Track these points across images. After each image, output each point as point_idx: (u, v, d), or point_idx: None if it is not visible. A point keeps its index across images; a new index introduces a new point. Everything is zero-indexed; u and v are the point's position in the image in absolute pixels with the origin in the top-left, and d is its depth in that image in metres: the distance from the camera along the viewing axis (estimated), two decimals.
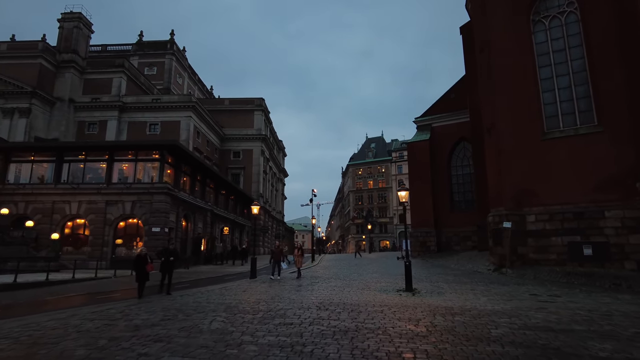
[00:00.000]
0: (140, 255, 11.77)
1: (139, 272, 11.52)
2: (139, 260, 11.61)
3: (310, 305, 9.39)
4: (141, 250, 12.20)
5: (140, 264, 11.50)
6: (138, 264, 11.54)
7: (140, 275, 11.52)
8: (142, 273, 11.49)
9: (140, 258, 11.63)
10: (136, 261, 11.66)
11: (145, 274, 11.55)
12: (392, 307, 9.29)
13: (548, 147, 19.01)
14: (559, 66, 19.73)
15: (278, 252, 18.07)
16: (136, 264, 11.59)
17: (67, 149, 27.94)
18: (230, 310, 8.89)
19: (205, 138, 48.21)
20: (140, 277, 11.51)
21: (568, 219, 17.94)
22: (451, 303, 10.24)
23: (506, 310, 9.21)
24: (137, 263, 11.56)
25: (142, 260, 11.54)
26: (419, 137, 32.74)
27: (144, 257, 11.66)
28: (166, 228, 25.45)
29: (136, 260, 11.67)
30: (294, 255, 19.15)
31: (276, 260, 17.53)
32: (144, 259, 11.59)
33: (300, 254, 18.68)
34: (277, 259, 17.57)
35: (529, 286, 14.51)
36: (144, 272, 11.50)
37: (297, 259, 18.49)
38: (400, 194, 13.24)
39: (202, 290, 13.20)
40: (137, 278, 11.56)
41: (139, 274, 11.52)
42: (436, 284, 14.94)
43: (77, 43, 44.68)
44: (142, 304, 10.05)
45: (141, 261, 11.54)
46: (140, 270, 11.50)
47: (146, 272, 11.54)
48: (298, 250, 18.93)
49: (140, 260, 11.56)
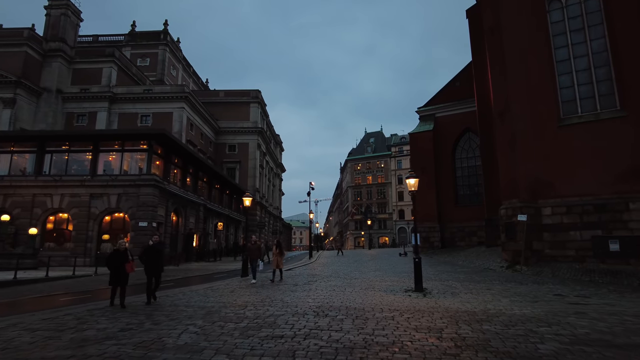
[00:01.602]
0: (118, 251, 9.19)
1: (115, 271, 8.96)
2: (115, 256, 9.07)
3: (306, 311, 7.88)
4: (120, 245, 9.40)
5: (117, 262, 8.95)
6: (114, 261, 8.98)
7: (115, 275, 8.96)
8: (118, 273, 8.94)
9: (119, 254, 9.08)
10: (111, 257, 9.08)
11: (124, 275, 8.98)
12: (404, 312, 7.80)
13: (565, 134, 17.53)
14: (576, 47, 18.21)
15: (255, 248, 14.31)
16: (111, 261, 9.00)
17: (49, 139, 26.25)
18: (210, 316, 7.37)
19: (199, 131, 46.54)
20: (116, 279, 8.95)
21: (588, 212, 16.49)
22: (470, 306, 8.76)
23: (539, 315, 7.73)
24: (113, 260, 8.99)
25: (121, 258, 9.01)
26: (422, 128, 31.21)
27: (123, 254, 9.09)
28: (154, 223, 23.89)
29: (111, 257, 9.10)
30: (272, 253, 15.11)
31: (252, 258, 14.12)
32: (122, 256, 9.04)
33: (278, 252, 14.47)
34: (253, 257, 14.14)
35: (550, 285, 13.10)
36: (122, 272, 8.94)
37: (275, 259, 14.44)
38: (409, 182, 11.74)
39: (185, 291, 11.68)
40: (112, 279, 9.01)
41: (115, 274, 8.97)
42: (447, 282, 13.48)
43: (65, 31, 42.85)
44: (111, 308, 8.51)
45: (119, 258, 8.99)
46: (116, 270, 8.95)
47: (125, 273, 8.96)
48: (276, 248, 14.63)
49: (117, 257, 9.02)
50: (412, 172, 11.91)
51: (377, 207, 77.90)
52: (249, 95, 54.48)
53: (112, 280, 9.02)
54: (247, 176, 51.08)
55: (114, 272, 8.96)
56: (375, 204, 78.35)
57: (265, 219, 55.94)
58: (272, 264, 14.59)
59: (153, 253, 9.41)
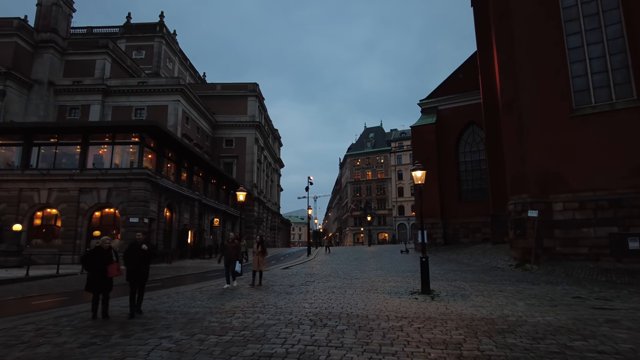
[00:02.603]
0: (101, 249, 7.17)
1: (95, 275, 7.03)
2: (97, 256, 7.09)
3: (302, 319, 6.93)
4: (103, 241, 7.32)
5: (98, 263, 7.04)
6: (94, 261, 7.06)
7: (95, 280, 7.02)
8: (99, 278, 7.01)
9: (101, 253, 7.12)
10: (91, 257, 7.15)
11: (106, 281, 7.13)
12: (413, 321, 6.85)
13: (578, 124, 16.57)
14: (590, 33, 17.21)
15: (233, 248, 12.01)
16: (91, 261, 7.10)
17: (37, 131, 25.20)
18: (191, 326, 6.42)
19: (195, 124, 45.48)
20: (96, 285, 7.03)
21: (602, 207, 15.56)
22: (485, 312, 7.83)
23: (566, 324, 6.80)
24: (94, 260, 7.07)
25: (104, 258, 7.11)
26: (425, 121, 30.20)
27: (107, 253, 7.19)
28: (145, 219, 22.93)
29: (92, 256, 7.15)
30: (253, 252, 12.72)
31: (230, 259, 11.88)
32: (105, 256, 7.14)
33: (260, 250, 12.26)
34: (231, 258, 11.87)
35: (564, 285, 12.18)
36: (104, 276, 7.06)
37: (256, 258, 12.20)
38: (416, 175, 10.78)
39: (170, 293, 10.73)
40: (90, 285, 7.07)
41: (95, 278, 7.03)
42: (454, 283, 12.55)
43: (57, 22, 41.65)
44: (92, 321, 7.53)
45: (101, 258, 7.09)
46: (97, 273, 7.02)
47: (107, 277, 7.13)
48: (257, 246, 12.41)
49: (99, 257, 7.08)
50: (419, 164, 10.95)
51: (376, 203, 76.95)
52: (247, 89, 53.37)
53: (91, 285, 7.09)
54: (245, 171, 50.11)
55: (95, 276, 7.05)
56: (374, 199, 77.40)
57: (263, 215, 55.00)
58: (253, 265, 12.35)
59: (136, 253, 7.48)
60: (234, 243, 12.15)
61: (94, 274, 7.10)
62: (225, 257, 12.00)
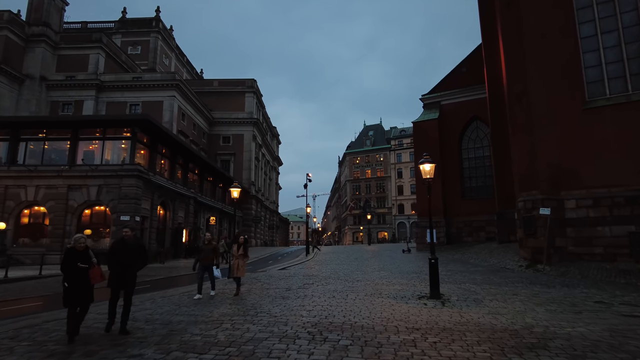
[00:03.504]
0: (74, 251, 5.70)
1: (74, 283, 5.56)
2: (73, 258, 5.63)
3: (298, 331, 6.02)
4: (76, 241, 5.77)
5: (75, 267, 5.58)
6: (71, 265, 5.58)
7: (73, 289, 5.54)
8: (78, 285, 5.57)
9: (76, 256, 5.66)
10: (66, 260, 5.63)
11: (86, 289, 5.67)
12: (427, 333, 5.95)
13: (591, 117, 15.68)
14: (604, 21, 16.29)
15: (209, 250, 10.13)
16: (67, 265, 5.60)
17: (24, 126, 24.20)
18: (168, 341, 5.50)
19: (192, 121, 44.48)
20: (74, 295, 5.55)
21: (618, 205, 14.68)
22: (506, 321, 6.94)
23: (601, 335, 5.92)
24: (70, 264, 5.59)
25: (81, 260, 5.65)
26: (427, 116, 29.28)
27: (84, 254, 5.71)
28: (137, 217, 21.98)
29: (66, 259, 5.64)
30: (233, 254, 10.63)
31: (206, 264, 9.99)
32: (82, 258, 5.67)
33: (241, 253, 10.24)
34: (208, 263, 10.01)
35: (582, 288, 11.31)
36: (84, 283, 5.62)
37: (236, 262, 10.22)
38: (424, 168, 9.86)
39: (156, 297, 9.82)
40: (68, 296, 5.55)
41: (73, 286, 5.55)
42: (464, 285, 11.67)
43: (49, 15, 40.57)
44: (47, 327, 6.61)
45: (78, 261, 5.63)
46: (75, 279, 5.56)
47: (87, 285, 5.68)
48: (238, 248, 10.30)
49: (75, 259, 5.62)
50: (427, 156, 10.02)
51: (376, 202, 76.10)
52: (244, 85, 52.36)
53: (68, 296, 5.54)
54: (242, 169, 49.16)
55: (74, 284, 5.54)
56: (374, 198, 76.55)
57: (261, 213, 54.06)
58: (233, 271, 10.32)
59: (122, 254, 6.12)
60: (211, 245, 10.40)
61: (72, 281, 5.54)
62: (200, 261, 10.04)
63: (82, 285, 5.62)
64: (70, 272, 5.58)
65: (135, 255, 6.32)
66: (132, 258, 6.24)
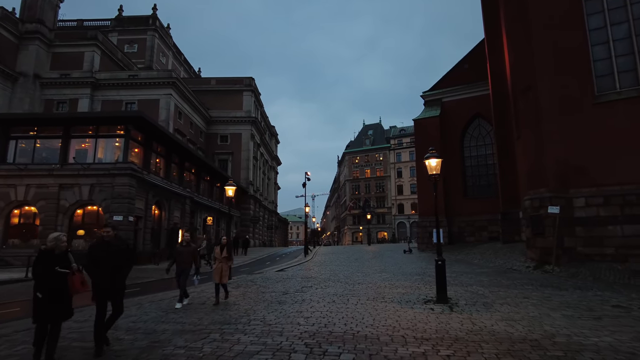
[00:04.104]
0: (50, 253, 4.75)
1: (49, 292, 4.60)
2: (49, 262, 4.68)
3: (294, 342, 5.38)
4: (57, 240, 4.82)
5: (51, 272, 4.63)
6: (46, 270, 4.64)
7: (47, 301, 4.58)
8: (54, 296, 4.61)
9: (51, 259, 4.70)
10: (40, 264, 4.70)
11: (63, 299, 4.69)
12: (438, 344, 5.33)
13: (602, 112, 15.07)
14: (614, 12, 15.69)
15: (187, 253, 8.93)
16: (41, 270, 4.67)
17: (14, 123, 23.51)
18: (148, 355, 4.88)
19: (189, 120, 43.81)
20: (47, 309, 4.58)
21: (630, 203, 14.07)
22: (522, 329, 6.33)
23: (633, 347, 5.31)
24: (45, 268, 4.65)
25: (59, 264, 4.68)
26: (428, 114, 28.66)
27: (62, 258, 4.75)
28: (131, 217, 21.32)
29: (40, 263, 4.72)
30: (215, 257, 9.42)
31: (183, 268, 8.84)
32: (60, 261, 4.70)
33: (225, 256, 9.11)
34: (185, 267, 8.87)
35: (596, 291, 10.69)
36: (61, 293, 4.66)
37: (219, 267, 9.02)
38: (430, 164, 9.25)
39: (144, 302, 9.18)
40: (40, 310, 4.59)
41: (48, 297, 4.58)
42: (471, 288, 11.05)
43: (43, 12, 39.87)
44: (14, 337, 5.96)
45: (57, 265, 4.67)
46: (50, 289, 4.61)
47: (66, 296, 4.72)
48: (221, 250, 9.16)
49: (52, 263, 4.67)
50: (433, 151, 9.40)
51: (375, 201, 75.47)
52: (242, 83, 51.69)
53: (40, 310, 4.57)
54: (240, 168, 48.49)
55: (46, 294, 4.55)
56: (373, 198, 75.92)
57: (260, 213, 53.40)
58: (214, 275, 9.07)
59: (106, 256, 5.14)
60: (189, 247, 9.14)
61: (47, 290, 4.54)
62: (177, 265, 8.81)
63: (59, 296, 4.58)
64: (45, 279, 4.57)
65: (122, 258, 5.32)
66: (118, 262, 5.25)
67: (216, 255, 9.23)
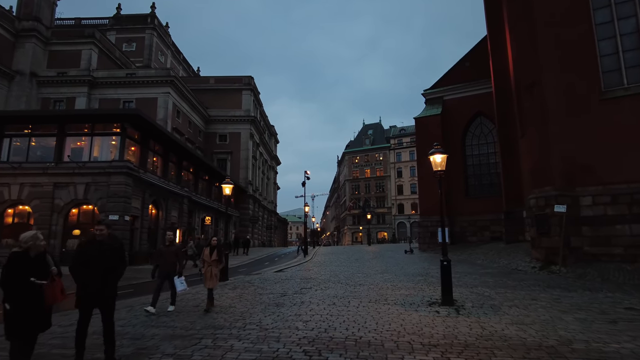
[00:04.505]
0: (24, 256, 3.95)
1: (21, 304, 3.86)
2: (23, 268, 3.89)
3: (293, 350, 4.98)
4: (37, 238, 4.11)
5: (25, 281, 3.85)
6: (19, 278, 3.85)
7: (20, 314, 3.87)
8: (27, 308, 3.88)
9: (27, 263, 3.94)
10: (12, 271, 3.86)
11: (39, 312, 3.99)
12: (446, 350, 4.93)
13: (609, 108, 14.66)
14: (621, 6, 15.28)
15: (170, 254, 8.20)
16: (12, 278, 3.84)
17: (8, 120, 23.08)
18: None
19: (187, 119, 43.41)
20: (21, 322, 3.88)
21: (639, 201, 13.66)
22: (534, 333, 5.94)
23: None
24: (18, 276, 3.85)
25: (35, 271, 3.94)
26: (429, 112, 28.26)
27: (38, 262, 4.03)
28: (127, 216, 20.91)
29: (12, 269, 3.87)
30: (203, 259, 8.44)
31: (166, 271, 8.17)
32: (36, 267, 3.98)
33: (215, 259, 8.28)
34: (168, 270, 8.14)
35: (606, 292, 10.29)
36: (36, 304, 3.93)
37: (208, 270, 8.24)
38: (435, 160, 8.86)
39: (135, 304, 8.79)
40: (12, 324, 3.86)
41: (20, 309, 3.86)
42: (476, 289, 10.65)
43: (40, 9, 39.47)
44: None
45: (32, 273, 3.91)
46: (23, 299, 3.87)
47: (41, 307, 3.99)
48: (210, 252, 8.32)
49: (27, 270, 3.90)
50: (438, 147, 9.01)
51: (375, 201, 75.07)
52: (241, 82, 51.30)
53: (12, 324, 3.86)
54: (239, 167, 48.09)
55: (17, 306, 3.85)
56: (373, 197, 75.52)
57: (259, 213, 53.00)
58: (205, 281, 8.31)
59: (98, 257, 4.59)
60: (172, 247, 8.43)
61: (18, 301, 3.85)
62: (160, 267, 8.14)
63: (34, 307, 3.89)
64: (17, 288, 3.82)
65: (115, 260, 4.76)
66: (111, 262, 4.67)
67: (205, 257, 8.28)
